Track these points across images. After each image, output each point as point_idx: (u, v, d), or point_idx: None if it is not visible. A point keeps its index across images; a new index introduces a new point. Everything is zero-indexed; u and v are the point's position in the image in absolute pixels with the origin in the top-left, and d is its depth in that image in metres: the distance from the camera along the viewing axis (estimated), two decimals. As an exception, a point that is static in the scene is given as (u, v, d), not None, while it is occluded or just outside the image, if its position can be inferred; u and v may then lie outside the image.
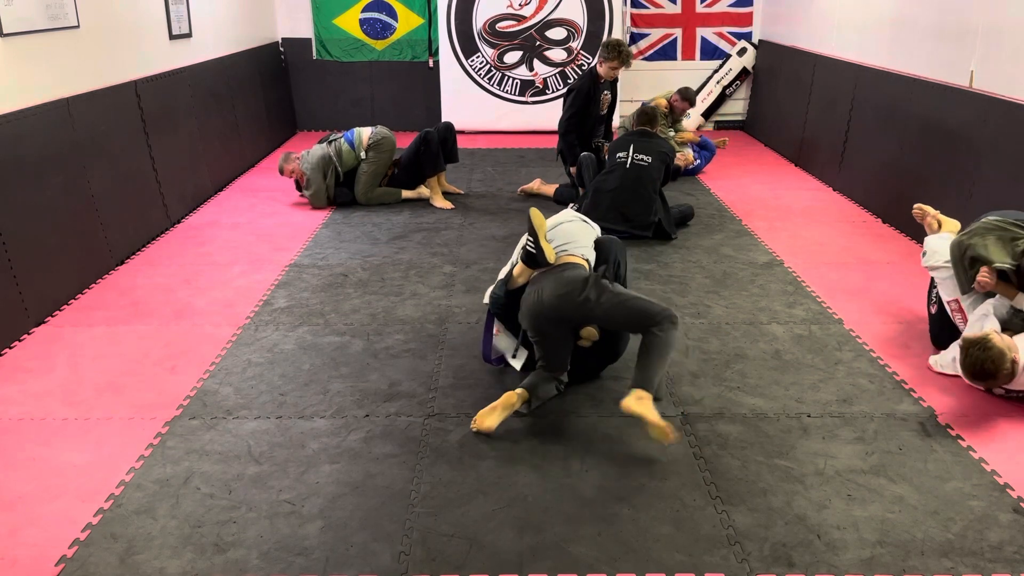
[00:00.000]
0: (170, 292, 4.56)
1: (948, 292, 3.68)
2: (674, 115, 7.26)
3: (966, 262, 3.52)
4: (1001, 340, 3.21)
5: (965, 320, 3.59)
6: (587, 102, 6.12)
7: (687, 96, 7.22)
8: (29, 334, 4.01)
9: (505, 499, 2.75)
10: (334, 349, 3.85)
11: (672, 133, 7.13)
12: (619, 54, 5.92)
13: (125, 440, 3.10)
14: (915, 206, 4.15)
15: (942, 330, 3.77)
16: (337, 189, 6.26)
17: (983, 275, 3.43)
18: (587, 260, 3.42)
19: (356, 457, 2.98)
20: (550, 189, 6.50)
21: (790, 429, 3.17)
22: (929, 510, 2.69)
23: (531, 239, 3.30)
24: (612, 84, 6.29)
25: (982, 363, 3.18)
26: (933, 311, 3.84)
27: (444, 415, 3.28)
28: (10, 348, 3.86)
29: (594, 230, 3.64)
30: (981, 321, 3.43)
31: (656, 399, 3.00)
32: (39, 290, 4.17)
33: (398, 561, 2.47)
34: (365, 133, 6.29)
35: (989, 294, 3.54)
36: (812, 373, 3.62)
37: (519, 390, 3.21)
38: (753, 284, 4.66)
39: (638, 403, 2.94)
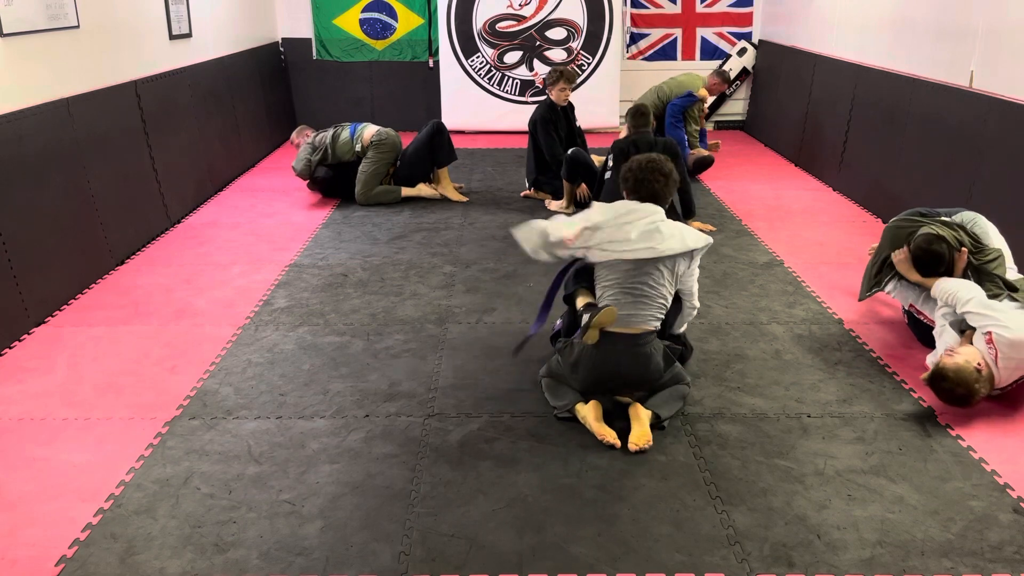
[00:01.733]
0: (170, 292, 4.56)
1: (903, 299, 3.93)
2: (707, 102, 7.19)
3: (873, 270, 4.04)
4: (954, 359, 3.23)
5: (929, 319, 3.77)
6: (553, 128, 6.29)
7: (725, 77, 7.38)
8: (29, 334, 4.01)
9: (505, 499, 2.75)
10: (334, 349, 3.85)
11: (695, 127, 7.12)
12: (560, 74, 6.20)
13: (125, 440, 3.10)
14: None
15: (922, 333, 3.88)
16: (321, 167, 6.30)
17: (896, 255, 3.80)
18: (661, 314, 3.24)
19: (356, 457, 2.98)
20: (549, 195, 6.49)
21: (790, 429, 3.17)
22: (929, 510, 2.69)
23: (587, 318, 3.09)
24: (568, 111, 6.41)
25: (951, 392, 3.20)
26: (906, 320, 4.05)
27: (444, 415, 3.28)
28: (10, 348, 3.86)
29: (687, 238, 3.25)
30: (944, 336, 3.49)
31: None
32: (39, 290, 4.17)
33: (398, 561, 2.47)
34: (370, 130, 6.27)
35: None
36: (812, 373, 3.62)
37: (592, 402, 3.19)
38: (753, 284, 4.66)
39: (645, 414, 3.13)
